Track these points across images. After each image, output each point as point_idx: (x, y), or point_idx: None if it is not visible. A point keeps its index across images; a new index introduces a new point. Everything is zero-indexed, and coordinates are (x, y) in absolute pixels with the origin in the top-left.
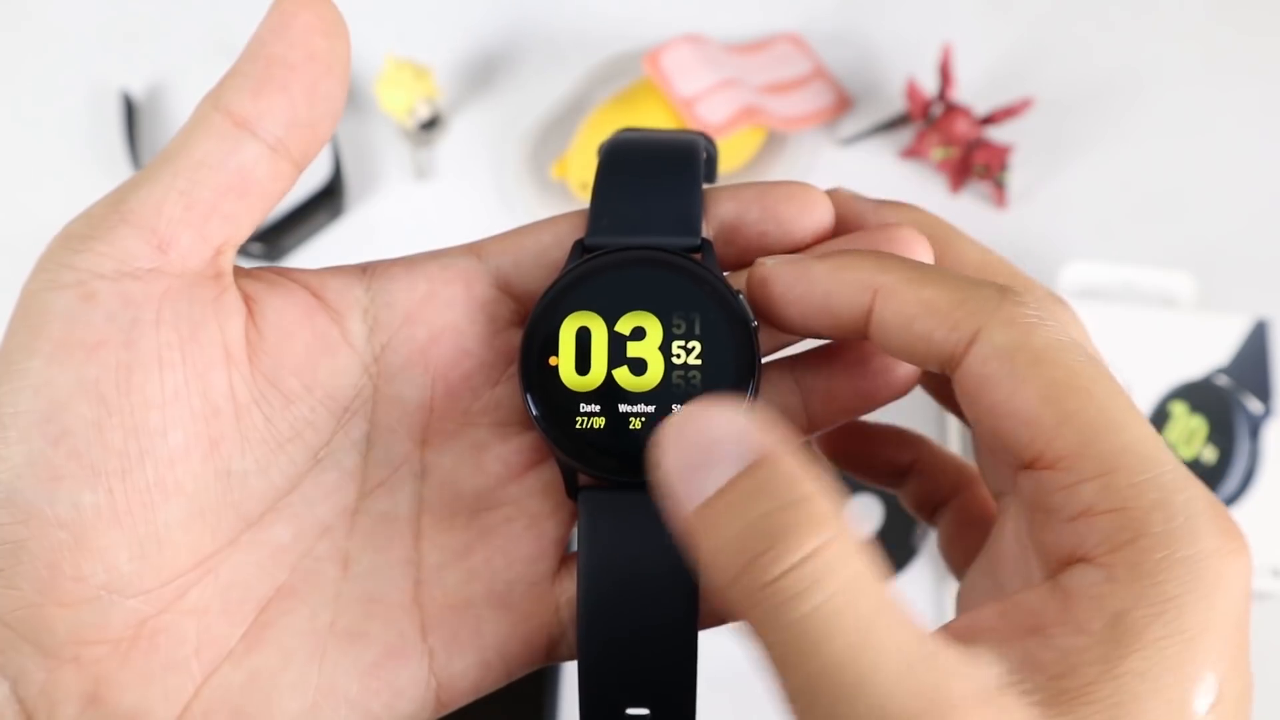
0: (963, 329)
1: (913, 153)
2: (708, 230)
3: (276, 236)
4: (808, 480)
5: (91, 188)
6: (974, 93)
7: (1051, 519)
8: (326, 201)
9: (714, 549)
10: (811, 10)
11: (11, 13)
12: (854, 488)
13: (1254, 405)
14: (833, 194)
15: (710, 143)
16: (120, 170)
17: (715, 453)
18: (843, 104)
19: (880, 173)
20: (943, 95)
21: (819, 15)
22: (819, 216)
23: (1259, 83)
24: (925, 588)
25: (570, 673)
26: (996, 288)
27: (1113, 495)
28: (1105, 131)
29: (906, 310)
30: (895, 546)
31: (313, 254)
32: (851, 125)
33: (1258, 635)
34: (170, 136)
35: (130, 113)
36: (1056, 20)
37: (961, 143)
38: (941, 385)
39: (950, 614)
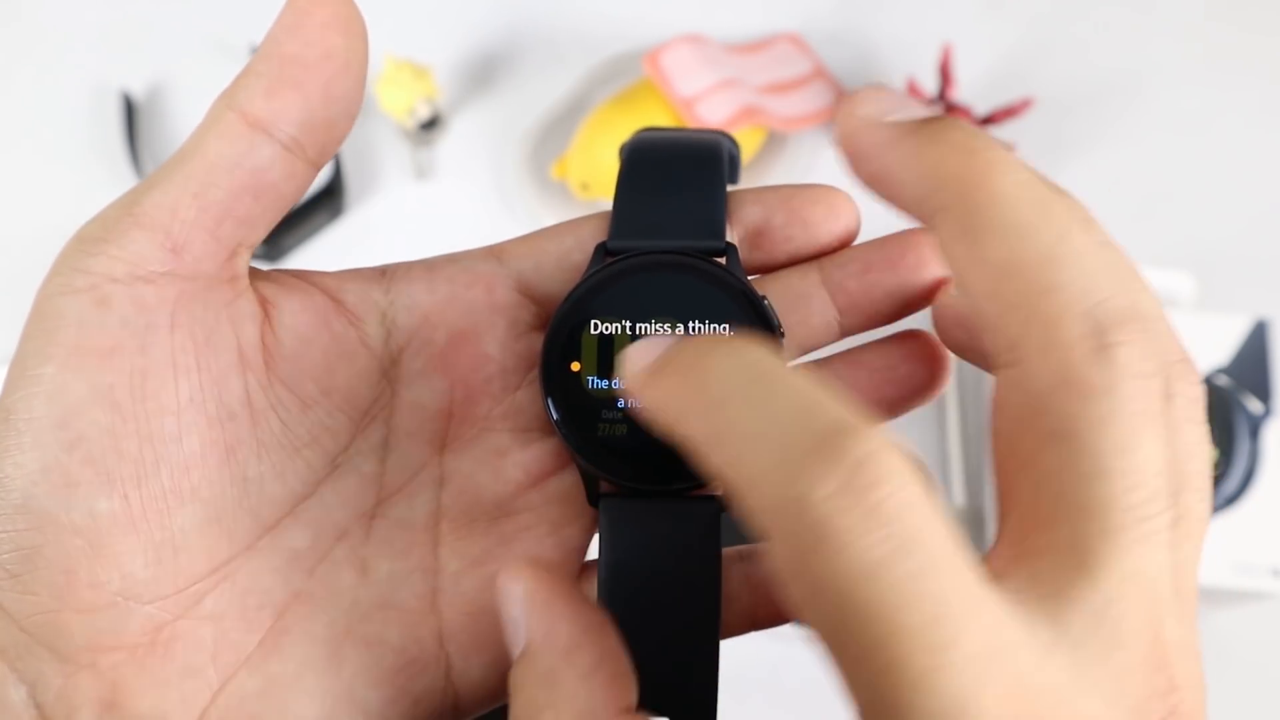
0: (755, 529)
1: None
2: (732, 234)
3: (276, 236)
4: (555, 683)
5: (92, 188)
6: (974, 93)
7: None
8: (326, 201)
9: None
10: (811, 10)
11: (11, 13)
12: None
13: (1254, 405)
14: (856, 103)
15: (733, 143)
16: (121, 170)
17: (508, 626)
18: None
19: None
20: (943, 95)
21: (819, 15)
22: (846, 221)
23: (1259, 82)
24: None
25: None
26: (787, 474)
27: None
28: (1105, 131)
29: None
30: None
31: (313, 254)
32: None
33: (1258, 635)
34: (170, 136)
35: (130, 113)
36: (1056, 20)
37: None
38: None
39: None
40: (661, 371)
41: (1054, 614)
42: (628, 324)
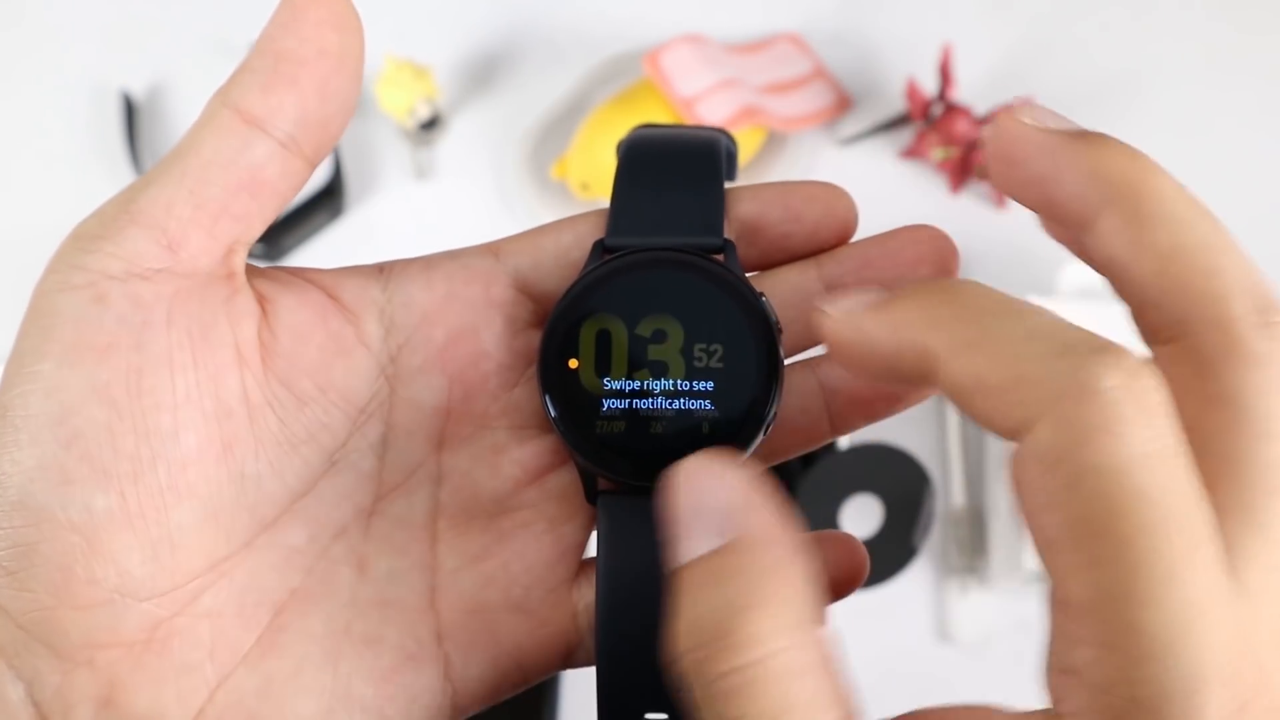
0: (1014, 417)
1: (913, 153)
2: (730, 231)
3: (276, 236)
4: (777, 578)
5: (91, 188)
6: (974, 93)
7: (1049, 649)
8: (326, 201)
9: (677, 616)
10: (811, 10)
11: (11, 12)
12: (854, 488)
13: None
14: (1015, 114)
15: (731, 140)
16: (120, 170)
17: (701, 518)
18: (843, 104)
19: (880, 173)
20: (943, 95)
21: (819, 15)
22: (843, 217)
23: (1259, 83)
24: (925, 588)
25: (571, 677)
26: (1070, 363)
27: (1102, 673)
28: (1105, 131)
29: (962, 383)
30: (895, 546)
31: (313, 254)
32: (851, 125)
33: None
34: (170, 136)
35: (130, 113)
36: (1056, 20)
37: (961, 143)
38: None
39: (947, 614)
40: (904, 298)
41: (1231, 569)
42: (625, 321)
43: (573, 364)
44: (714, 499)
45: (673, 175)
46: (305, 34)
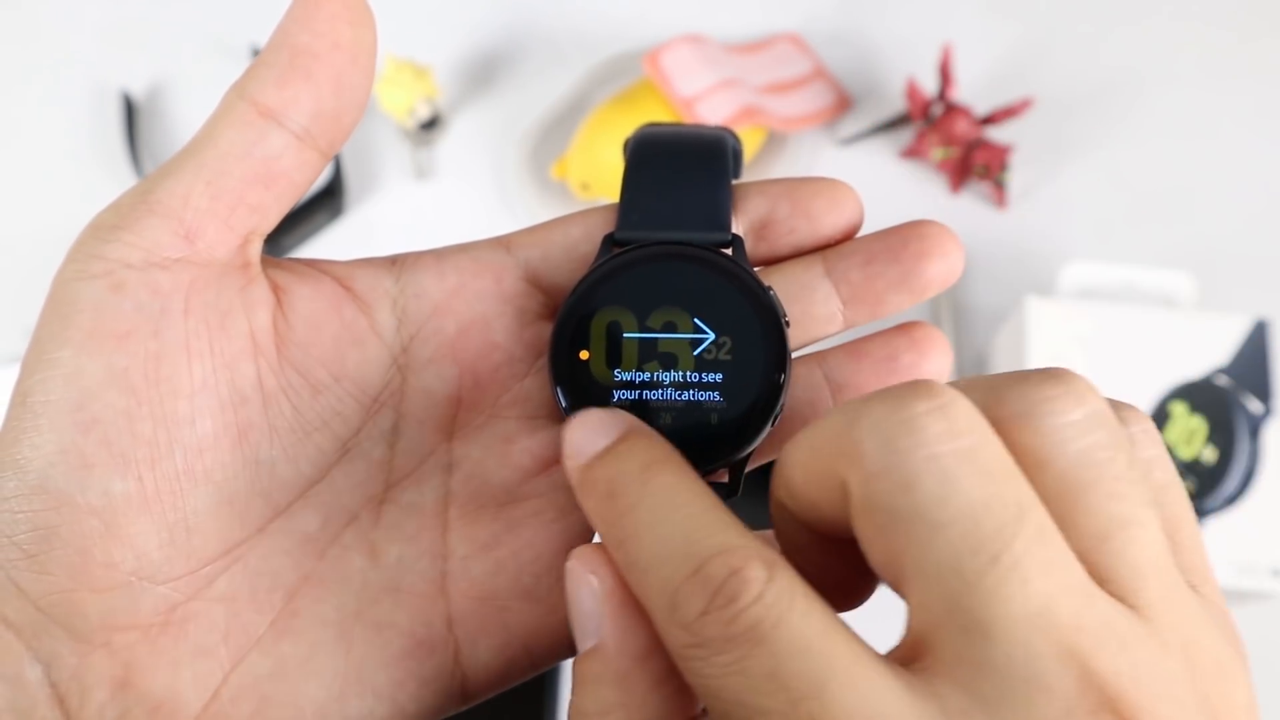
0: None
1: (913, 153)
2: (738, 225)
3: (277, 236)
4: (627, 685)
5: (91, 188)
6: (974, 93)
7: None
8: (326, 201)
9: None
10: (811, 10)
11: (11, 13)
12: None
13: (1254, 405)
14: None
15: (737, 139)
16: (120, 170)
17: (578, 619)
18: (843, 104)
19: (880, 173)
20: (943, 95)
21: (819, 15)
22: (849, 213)
23: (1259, 84)
24: None
25: (570, 671)
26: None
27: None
28: (1105, 131)
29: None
30: None
31: (312, 254)
32: (851, 125)
33: (1258, 635)
34: (170, 136)
35: (130, 113)
36: (1056, 20)
37: (961, 143)
38: None
39: None
40: (588, 485)
41: (962, 681)
42: (635, 314)
43: (583, 355)
44: (583, 604)
45: (681, 171)
46: (320, 28)
